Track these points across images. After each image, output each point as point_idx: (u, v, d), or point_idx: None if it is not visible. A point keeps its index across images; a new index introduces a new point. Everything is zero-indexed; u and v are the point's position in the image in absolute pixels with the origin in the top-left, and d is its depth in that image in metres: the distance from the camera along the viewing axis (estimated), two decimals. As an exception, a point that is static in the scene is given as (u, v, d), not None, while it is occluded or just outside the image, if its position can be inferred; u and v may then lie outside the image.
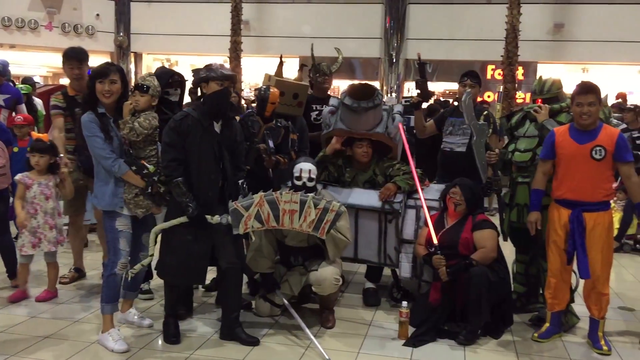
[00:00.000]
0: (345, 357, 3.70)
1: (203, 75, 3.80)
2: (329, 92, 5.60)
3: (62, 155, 4.51)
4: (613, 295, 4.98)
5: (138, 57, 17.50)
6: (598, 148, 3.78)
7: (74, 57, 4.62)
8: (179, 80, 4.45)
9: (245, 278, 4.38)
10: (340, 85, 13.81)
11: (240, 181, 3.89)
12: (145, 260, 3.76)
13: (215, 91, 3.75)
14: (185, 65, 16.90)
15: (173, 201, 3.70)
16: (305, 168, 4.10)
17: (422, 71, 4.82)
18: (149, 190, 3.71)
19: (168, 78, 4.38)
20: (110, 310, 3.73)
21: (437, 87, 15.83)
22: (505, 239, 4.52)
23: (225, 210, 3.70)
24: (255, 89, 8.62)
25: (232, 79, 3.90)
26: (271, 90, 4.60)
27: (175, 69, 14.57)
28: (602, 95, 4.40)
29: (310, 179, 4.09)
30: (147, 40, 16.85)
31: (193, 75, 3.96)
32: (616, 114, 7.26)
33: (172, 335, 3.81)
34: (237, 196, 3.80)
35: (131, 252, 3.77)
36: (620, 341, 4.12)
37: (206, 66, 3.90)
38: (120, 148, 3.67)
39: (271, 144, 4.53)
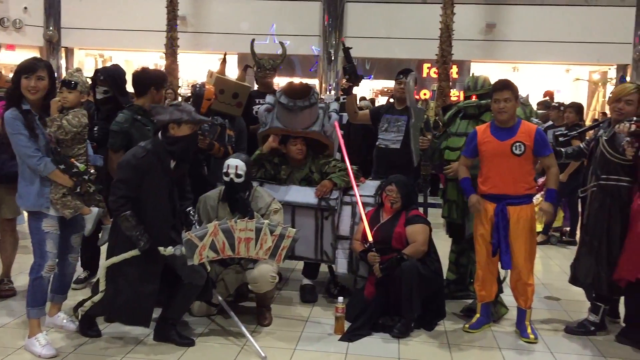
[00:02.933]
0: (281, 354, 3.71)
1: (176, 118, 3.63)
2: (274, 87, 5.59)
3: None
4: (540, 285, 5.20)
5: (69, 52, 16.95)
6: (518, 144, 3.94)
7: None
8: (101, 77, 4.31)
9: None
10: (279, 83, 13.82)
11: (188, 209, 3.84)
12: (95, 297, 3.62)
13: (188, 135, 3.65)
14: (120, 61, 16.49)
15: (122, 233, 3.58)
16: (232, 164, 4.08)
17: (348, 56, 4.88)
18: (78, 190, 3.61)
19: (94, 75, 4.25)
20: (37, 314, 3.59)
21: (374, 84, 16.07)
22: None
23: (178, 241, 3.61)
24: (192, 86, 8.54)
25: (203, 123, 3.83)
26: (206, 86, 4.55)
27: (109, 65, 14.25)
28: (524, 95, 4.60)
29: (237, 175, 4.07)
30: (78, 34, 16.33)
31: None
32: (541, 111, 7.56)
33: (95, 330, 3.77)
34: (189, 226, 3.74)
35: (59, 254, 3.66)
36: (546, 329, 4.30)
37: (175, 106, 3.76)
38: (47, 146, 3.54)
39: (206, 126, 4.48)
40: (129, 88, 4.57)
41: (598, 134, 4.15)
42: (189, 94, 12.15)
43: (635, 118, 3.82)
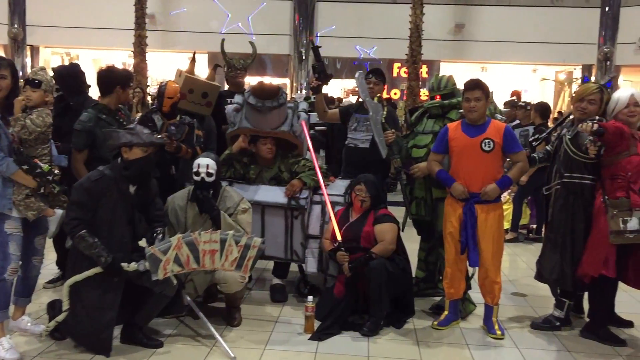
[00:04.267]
0: (251, 354, 3.70)
1: (126, 141, 3.59)
2: (245, 87, 5.56)
3: None
4: (507, 282, 5.29)
5: (35, 50, 16.55)
6: (487, 140, 4.00)
7: None
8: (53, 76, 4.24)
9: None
10: (250, 82, 13.75)
11: (157, 230, 3.77)
12: (59, 317, 3.52)
13: (140, 158, 3.59)
14: (87, 60, 16.23)
15: (80, 252, 3.50)
16: (203, 163, 4.05)
17: (317, 55, 4.90)
18: (42, 191, 3.54)
19: None
20: (0, 317, 3.52)
21: (345, 84, 16.13)
22: (402, 230, 4.72)
23: (141, 257, 3.54)
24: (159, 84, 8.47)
25: (156, 145, 3.76)
26: (169, 84, 4.50)
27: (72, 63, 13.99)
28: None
29: (208, 174, 4.04)
30: (44, 32, 15.96)
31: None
32: (506, 109, 7.66)
33: (60, 333, 3.67)
34: (153, 242, 3.68)
35: (23, 256, 3.58)
36: (513, 325, 4.36)
37: (128, 129, 3.72)
38: (9, 147, 3.46)
39: (172, 129, 4.42)
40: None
41: (561, 133, 4.23)
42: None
43: (597, 117, 3.91)
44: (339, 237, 4.18)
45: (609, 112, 4.03)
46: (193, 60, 5.61)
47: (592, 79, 14.72)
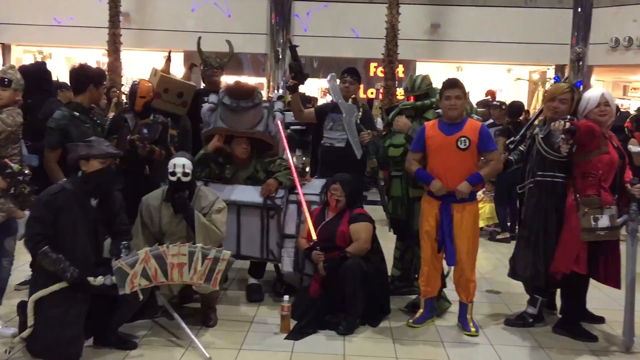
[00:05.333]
0: (226, 354, 3.69)
1: (83, 153, 3.52)
2: (221, 86, 5.53)
3: None
4: (482, 279, 5.34)
5: (6, 48, 16.25)
6: (463, 138, 4.03)
7: None
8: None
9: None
10: (227, 81, 13.66)
11: (123, 242, 3.69)
12: (24, 333, 3.43)
13: (97, 170, 3.52)
14: (60, 58, 15.99)
15: (43, 269, 3.42)
16: (179, 163, 4.01)
17: (294, 54, 4.91)
18: (12, 191, 3.49)
19: None
20: (-30, 321, 3.46)
21: (322, 83, 16.13)
22: (390, 230, 4.75)
23: (107, 271, 3.48)
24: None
25: (115, 157, 3.69)
26: (141, 83, 4.45)
27: (49, 62, 13.76)
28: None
29: (185, 174, 4.00)
30: (16, 30, 15.66)
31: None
32: (481, 109, 7.74)
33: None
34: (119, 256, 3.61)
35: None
36: (487, 322, 4.42)
37: (86, 141, 3.66)
38: (-22, 147, 3.41)
39: (145, 131, 4.37)
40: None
41: (534, 132, 4.29)
42: (133, 92, 11.86)
43: (569, 116, 3.97)
44: (314, 237, 4.18)
45: (580, 111, 4.08)
46: (168, 59, 5.57)
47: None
